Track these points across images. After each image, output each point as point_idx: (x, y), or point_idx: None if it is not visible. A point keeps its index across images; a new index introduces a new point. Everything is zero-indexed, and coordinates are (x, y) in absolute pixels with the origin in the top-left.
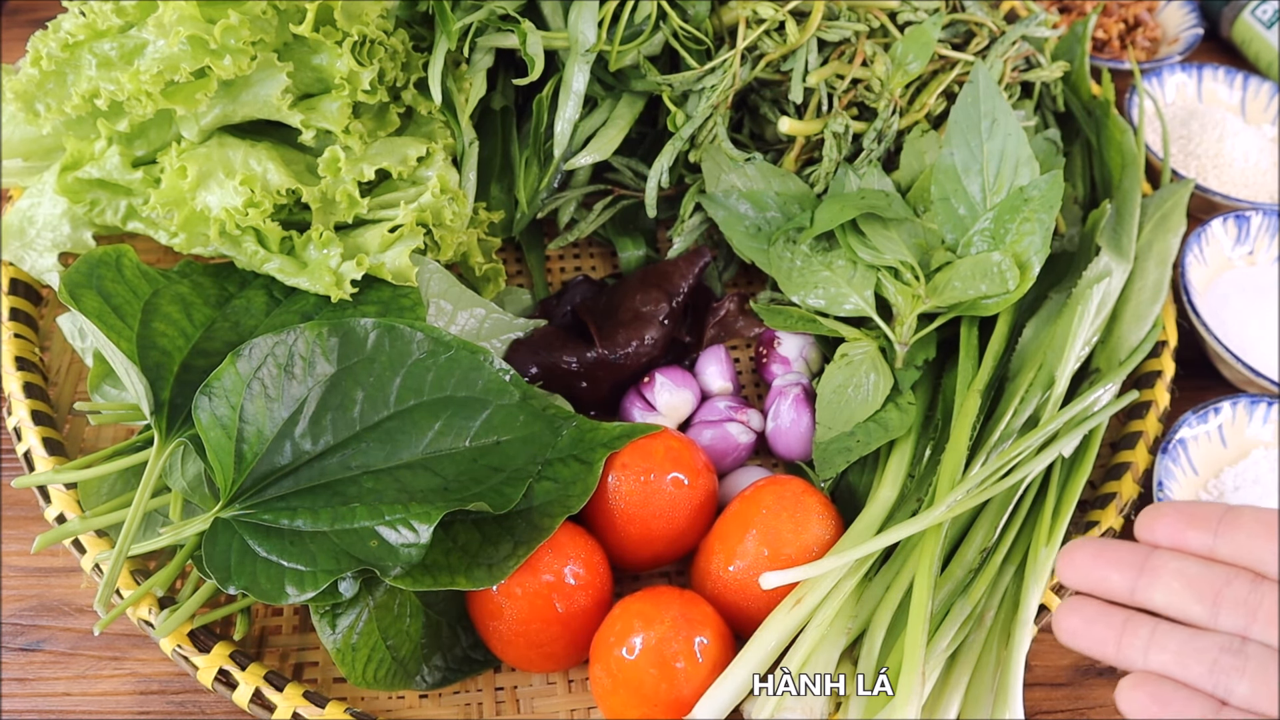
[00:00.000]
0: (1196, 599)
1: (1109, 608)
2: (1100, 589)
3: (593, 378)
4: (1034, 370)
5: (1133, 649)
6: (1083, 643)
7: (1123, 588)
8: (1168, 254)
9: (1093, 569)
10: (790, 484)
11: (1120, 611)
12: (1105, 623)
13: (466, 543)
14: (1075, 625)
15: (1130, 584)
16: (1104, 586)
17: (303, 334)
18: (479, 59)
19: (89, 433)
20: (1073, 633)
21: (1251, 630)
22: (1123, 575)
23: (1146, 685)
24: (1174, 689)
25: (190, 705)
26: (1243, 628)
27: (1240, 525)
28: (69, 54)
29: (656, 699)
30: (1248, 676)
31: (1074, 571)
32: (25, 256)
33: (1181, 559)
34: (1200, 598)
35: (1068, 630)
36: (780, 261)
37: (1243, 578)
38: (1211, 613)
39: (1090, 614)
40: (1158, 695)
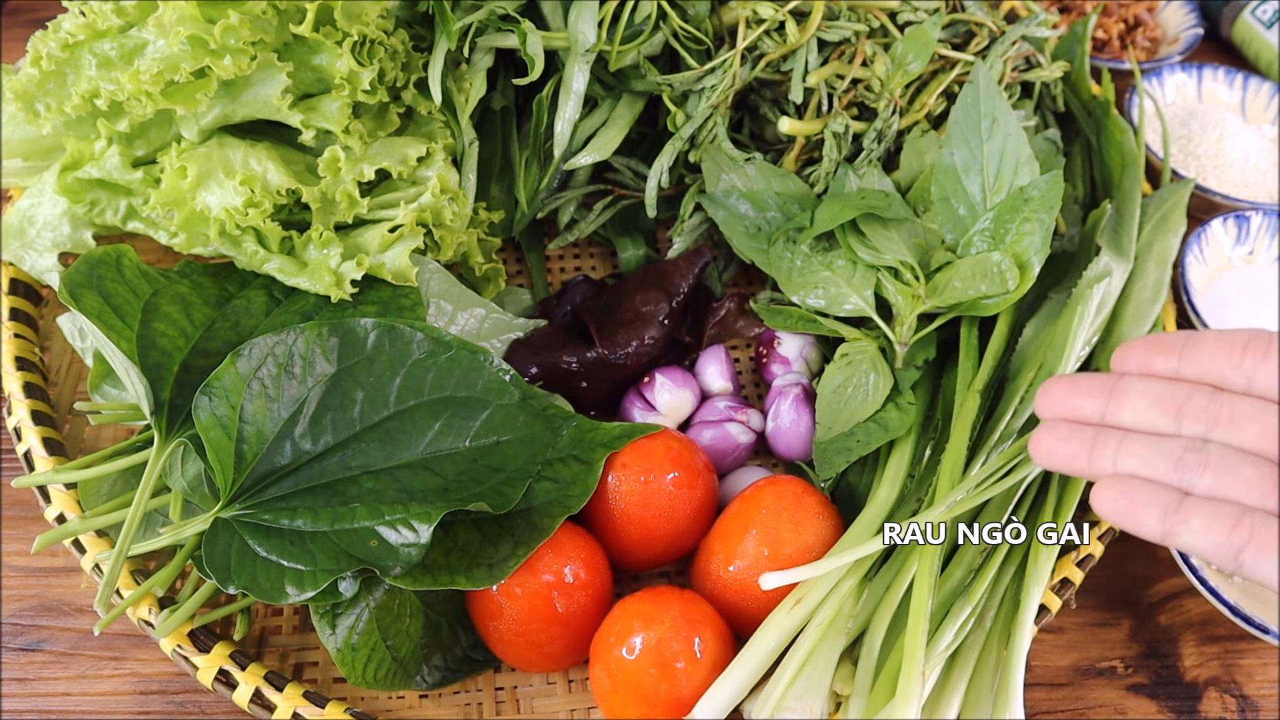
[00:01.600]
0: (1161, 412)
1: (1081, 426)
2: (1074, 415)
3: (593, 378)
4: (1034, 370)
5: (1102, 458)
6: (1057, 460)
7: (1094, 411)
8: (1168, 254)
9: (1066, 399)
10: (790, 484)
11: (1091, 429)
12: (1078, 439)
13: (466, 543)
14: (1050, 444)
15: (1101, 407)
16: (1077, 413)
17: (303, 334)
18: (479, 59)
19: (89, 433)
20: (1048, 452)
21: (1213, 433)
22: (1094, 400)
23: (1118, 485)
24: (1141, 484)
25: (190, 705)
26: (1204, 432)
27: (1202, 346)
28: (69, 54)
29: (656, 699)
30: (1209, 469)
31: (1050, 402)
32: (25, 256)
33: (1147, 380)
34: (1165, 411)
35: (1043, 450)
36: (780, 262)
37: (1204, 391)
38: (1175, 422)
39: (1063, 433)
40: (1127, 490)
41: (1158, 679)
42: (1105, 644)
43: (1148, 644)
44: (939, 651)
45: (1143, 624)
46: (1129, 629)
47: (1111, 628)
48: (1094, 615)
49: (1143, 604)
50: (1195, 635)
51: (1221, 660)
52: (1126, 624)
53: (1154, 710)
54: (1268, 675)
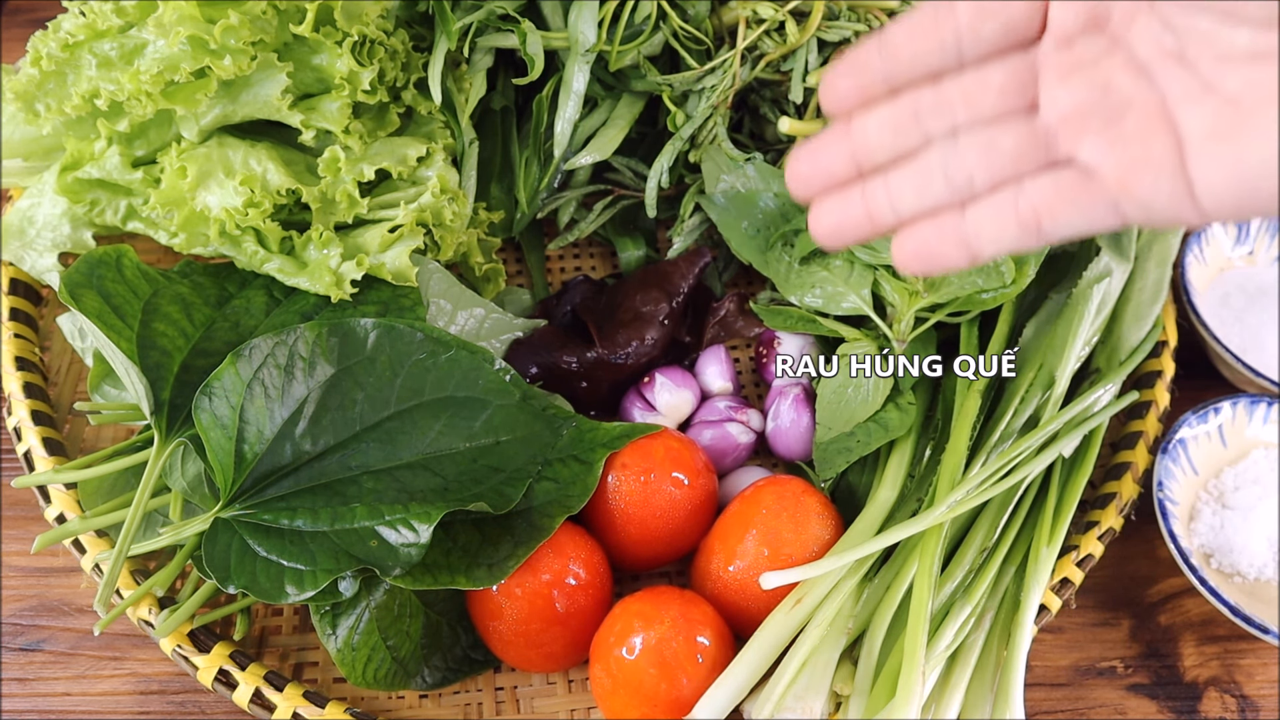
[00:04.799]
0: (902, 130)
1: (846, 190)
2: (832, 181)
3: (593, 378)
4: (1034, 370)
5: (881, 210)
6: (843, 234)
7: (846, 167)
8: (1168, 254)
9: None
10: (790, 484)
11: (855, 187)
12: (849, 204)
13: (466, 543)
14: (828, 224)
15: (849, 159)
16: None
17: (303, 334)
18: (479, 59)
19: (89, 433)
20: (830, 232)
21: (957, 121)
22: (838, 155)
23: (907, 240)
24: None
25: (190, 705)
26: (949, 126)
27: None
28: (69, 54)
29: (656, 699)
30: (974, 156)
31: (801, 181)
32: (25, 256)
33: (872, 110)
34: (904, 129)
35: (824, 231)
36: (778, 263)
37: (924, 88)
38: (920, 132)
39: (832, 204)
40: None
41: (1158, 679)
42: (1105, 644)
43: (1148, 644)
44: (939, 651)
45: (1143, 624)
46: (1129, 629)
47: (1111, 628)
48: (1094, 615)
49: (1143, 604)
50: (1195, 635)
51: (1221, 660)
52: (1126, 624)
53: (1154, 710)
54: (1268, 675)
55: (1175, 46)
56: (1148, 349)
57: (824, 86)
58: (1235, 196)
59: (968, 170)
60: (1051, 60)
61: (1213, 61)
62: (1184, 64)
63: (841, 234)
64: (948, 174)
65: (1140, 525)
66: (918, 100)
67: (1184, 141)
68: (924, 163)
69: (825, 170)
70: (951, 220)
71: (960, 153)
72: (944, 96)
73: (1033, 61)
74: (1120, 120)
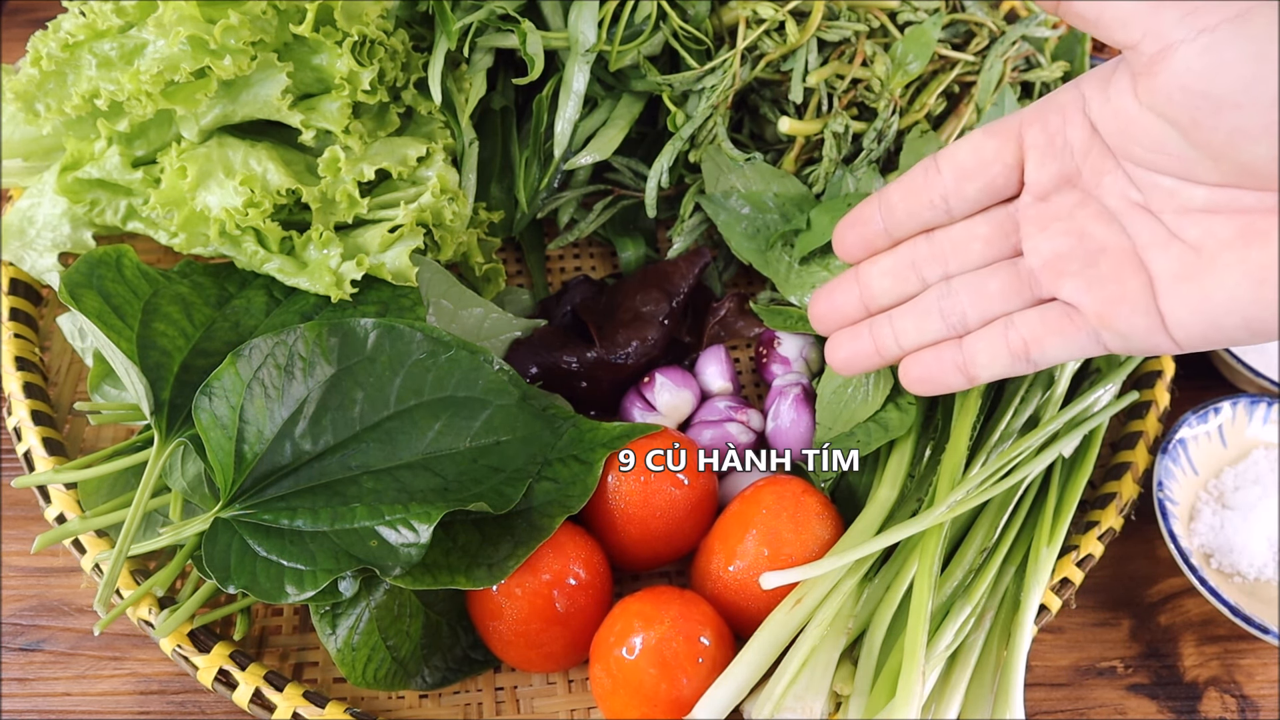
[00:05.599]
0: (903, 279)
1: (857, 327)
2: (845, 321)
3: (593, 378)
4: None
5: (887, 343)
6: (855, 363)
7: (856, 309)
8: None
9: (831, 309)
10: (790, 484)
11: (864, 325)
12: (860, 339)
13: (466, 543)
14: (843, 355)
15: (858, 302)
16: (846, 317)
17: (303, 334)
18: (479, 59)
19: (89, 433)
20: (845, 362)
21: (950, 269)
22: (849, 299)
23: (913, 366)
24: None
25: (190, 705)
26: (942, 273)
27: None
28: (69, 54)
29: (656, 699)
30: (966, 298)
31: (821, 319)
32: (25, 256)
33: (876, 260)
34: (903, 277)
35: (840, 361)
36: (778, 263)
37: (920, 240)
38: (919, 279)
39: (845, 339)
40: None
41: (1158, 679)
42: (1105, 644)
43: (1148, 644)
44: (939, 651)
45: (1143, 624)
46: (1129, 629)
47: (1111, 628)
48: (1094, 615)
49: (1143, 604)
50: (1195, 635)
51: (1221, 660)
52: (1126, 624)
53: (1154, 710)
54: (1268, 675)
55: (1141, 200)
56: None
57: (835, 237)
58: (1203, 330)
59: (961, 309)
60: (1031, 213)
61: (1175, 213)
62: (1150, 214)
63: (854, 364)
64: (943, 313)
65: (1140, 525)
66: (914, 251)
67: (1155, 281)
68: (922, 304)
69: (839, 311)
70: (949, 351)
71: (953, 295)
72: (937, 247)
73: (1014, 213)
74: (1096, 263)
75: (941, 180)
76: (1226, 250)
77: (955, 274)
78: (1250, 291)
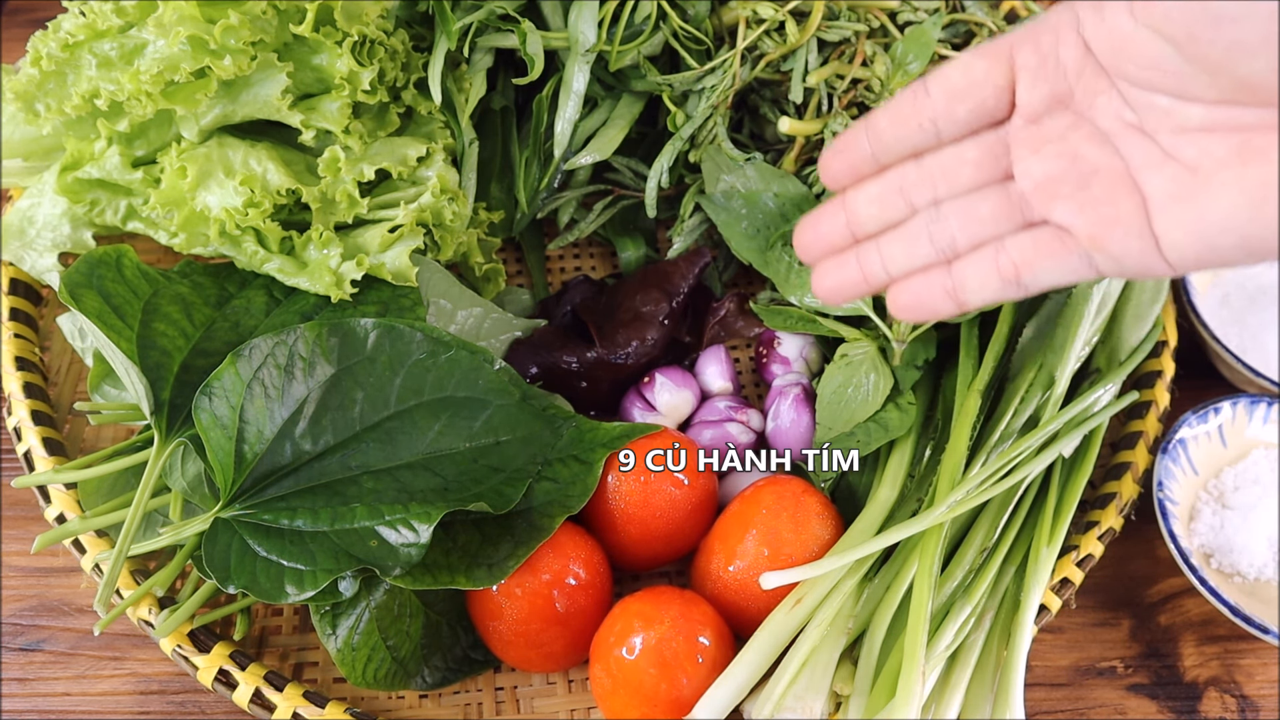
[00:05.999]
0: (890, 205)
1: (843, 255)
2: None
3: (593, 378)
4: (1034, 370)
5: (875, 270)
6: (843, 292)
7: (843, 236)
8: None
9: (817, 237)
10: (790, 484)
11: (850, 253)
12: (846, 267)
13: (466, 543)
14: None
15: (844, 229)
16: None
17: (303, 334)
18: (479, 59)
19: (89, 433)
20: (831, 290)
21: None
22: (836, 226)
23: (901, 292)
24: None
25: (190, 705)
26: (931, 198)
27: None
28: (69, 54)
29: (656, 699)
30: (955, 223)
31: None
32: (25, 256)
33: (863, 186)
34: (891, 203)
35: (826, 289)
36: (778, 263)
37: (907, 165)
38: (907, 205)
39: (831, 267)
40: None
41: (1158, 679)
42: (1105, 644)
43: (1148, 644)
44: (939, 651)
45: (1143, 624)
46: (1129, 629)
47: (1111, 628)
48: (1094, 615)
49: (1143, 604)
50: (1195, 635)
51: (1221, 660)
52: (1126, 624)
53: (1154, 710)
54: (1268, 675)
55: (1135, 120)
56: (1148, 349)
57: (820, 166)
58: (1198, 251)
59: (950, 234)
60: (1022, 135)
61: (1170, 133)
62: (1144, 135)
63: (840, 292)
64: (933, 238)
65: (1140, 525)
66: (902, 176)
67: (1149, 202)
68: (911, 229)
69: (825, 240)
70: (939, 276)
71: (943, 219)
72: (925, 172)
73: (1004, 137)
74: (1089, 185)
75: (931, 103)
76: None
77: (945, 199)
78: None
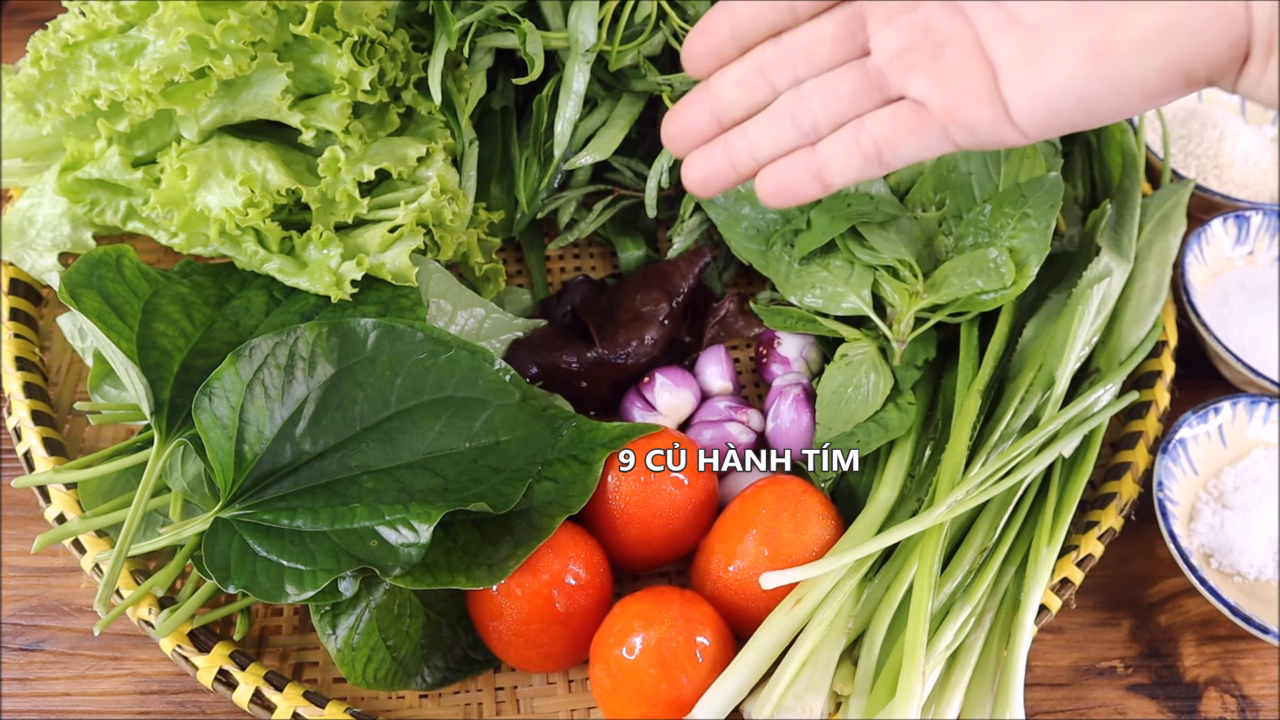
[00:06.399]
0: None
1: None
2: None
3: (593, 378)
4: (1034, 370)
5: (742, 157)
6: (712, 181)
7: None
8: (1168, 254)
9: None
10: (790, 484)
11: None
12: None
13: (466, 543)
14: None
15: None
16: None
17: (303, 334)
18: (479, 59)
19: (89, 433)
20: (700, 182)
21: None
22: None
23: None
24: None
25: (190, 705)
26: (793, 78)
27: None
28: (69, 54)
29: (656, 699)
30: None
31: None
32: (25, 256)
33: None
34: (753, 85)
35: (696, 181)
36: (778, 263)
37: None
38: (769, 86)
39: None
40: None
41: (1158, 679)
42: (1105, 644)
43: (1148, 644)
44: (939, 651)
45: (1143, 624)
46: (1129, 629)
47: (1111, 628)
48: (1094, 615)
49: (1143, 604)
50: (1195, 635)
51: (1221, 660)
52: (1126, 624)
53: (1154, 710)
54: (1268, 675)
55: None
56: (1148, 349)
57: (683, 52)
58: (1044, 114)
59: (812, 114)
60: (876, 8)
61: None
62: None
63: (710, 182)
64: (795, 119)
65: (1140, 525)
66: (762, 56)
67: (997, 69)
68: (774, 112)
69: (692, 129)
70: (803, 158)
71: (804, 99)
72: (785, 51)
73: (860, 10)
74: (941, 56)
75: None
76: (1061, 30)
77: (805, 78)
78: (1084, 69)
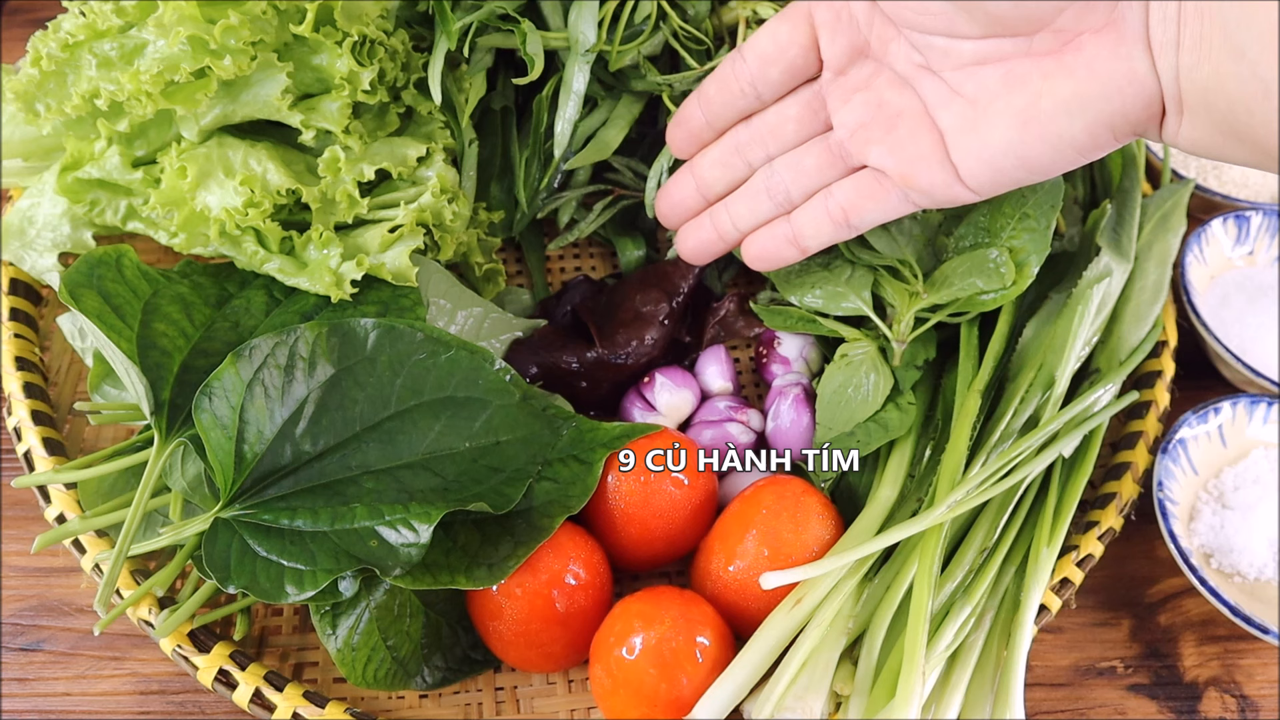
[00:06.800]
0: (731, 166)
1: (699, 218)
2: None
3: (593, 378)
4: (1034, 370)
5: (727, 229)
6: (703, 251)
7: (696, 200)
8: (1168, 254)
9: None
10: (790, 484)
11: (705, 215)
12: (700, 229)
13: (466, 543)
14: (690, 245)
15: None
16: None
17: (303, 334)
18: (479, 59)
19: (89, 433)
20: (692, 251)
21: (770, 151)
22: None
23: (750, 248)
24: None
25: (190, 705)
26: (765, 155)
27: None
28: (69, 54)
29: (656, 699)
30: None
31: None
32: (25, 256)
33: (706, 151)
34: (731, 163)
35: (688, 250)
36: None
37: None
38: (745, 163)
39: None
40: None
41: (1158, 679)
42: (1105, 644)
43: (1148, 644)
44: (939, 651)
45: (1143, 624)
46: (1129, 629)
47: (1111, 628)
48: (1094, 615)
49: (1143, 604)
50: (1195, 635)
51: (1221, 660)
52: (1126, 624)
53: (1154, 710)
54: (1268, 675)
55: (923, 61)
56: (1148, 349)
57: (668, 138)
58: (990, 174)
59: (785, 187)
60: (833, 87)
61: (952, 70)
62: (933, 74)
63: (701, 252)
64: (770, 192)
65: (1140, 525)
66: (736, 137)
67: (945, 136)
68: (751, 187)
69: (681, 206)
70: (781, 227)
71: (776, 174)
72: (755, 132)
73: (819, 91)
74: (895, 128)
75: (747, 68)
76: (995, 99)
77: (776, 154)
78: (1018, 133)
